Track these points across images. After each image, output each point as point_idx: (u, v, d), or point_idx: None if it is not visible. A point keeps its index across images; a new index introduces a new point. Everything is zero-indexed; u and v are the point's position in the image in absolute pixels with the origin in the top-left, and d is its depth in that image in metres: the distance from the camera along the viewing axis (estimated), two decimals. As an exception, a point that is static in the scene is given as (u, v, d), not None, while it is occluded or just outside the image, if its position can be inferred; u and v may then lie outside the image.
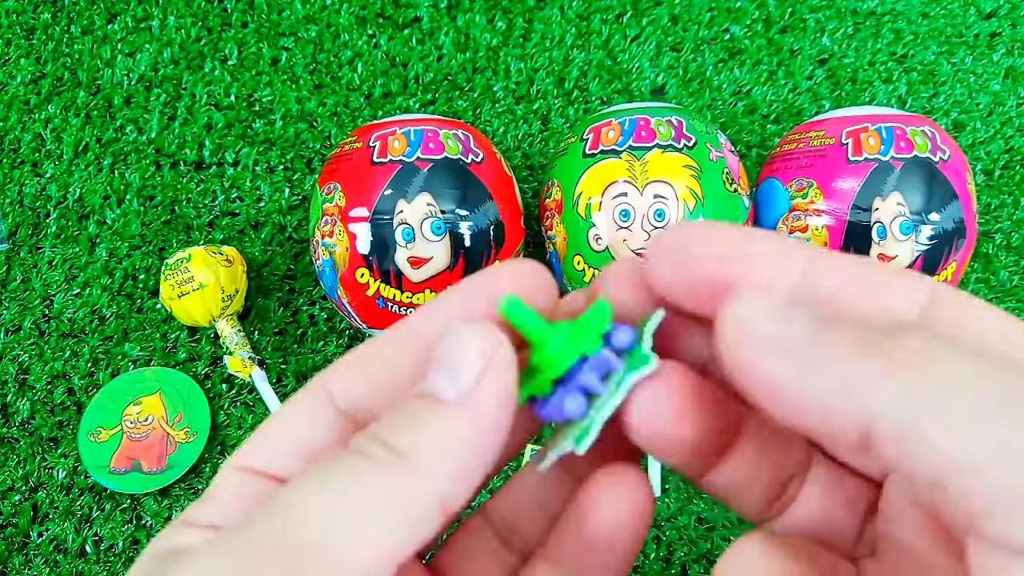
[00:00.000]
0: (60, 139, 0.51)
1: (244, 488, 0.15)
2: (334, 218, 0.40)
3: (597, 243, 0.39)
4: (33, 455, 0.45)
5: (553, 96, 0.52)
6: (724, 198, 0.39)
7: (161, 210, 0.50)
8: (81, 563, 0.43)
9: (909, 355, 0.11)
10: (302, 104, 0.52)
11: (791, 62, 0.53)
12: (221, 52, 0.53)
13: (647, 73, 0.53)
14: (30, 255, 0.49)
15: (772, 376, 0.13)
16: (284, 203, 0.50)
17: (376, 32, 0.53)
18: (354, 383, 0.16)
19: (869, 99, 0.52)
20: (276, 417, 0.16)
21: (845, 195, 0.39)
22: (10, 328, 0.48)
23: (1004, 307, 0.48)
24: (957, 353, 0.11)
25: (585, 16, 0.54)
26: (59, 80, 0.53)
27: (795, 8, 0.53)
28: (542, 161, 0.51)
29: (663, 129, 0.40)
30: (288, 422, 0.16)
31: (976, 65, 0.53)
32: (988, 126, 0.52)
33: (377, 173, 0.39)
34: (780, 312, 0.13)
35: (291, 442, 0.16)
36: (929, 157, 0.39)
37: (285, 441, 0.16)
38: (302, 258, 0.49)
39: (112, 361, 0.47)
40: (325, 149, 0.51)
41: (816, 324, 0.13)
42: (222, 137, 0.51)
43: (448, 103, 0.52)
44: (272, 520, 0.13)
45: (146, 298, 0.48)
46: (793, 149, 0.42)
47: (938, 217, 0.38)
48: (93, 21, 0.53)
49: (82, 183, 0.50)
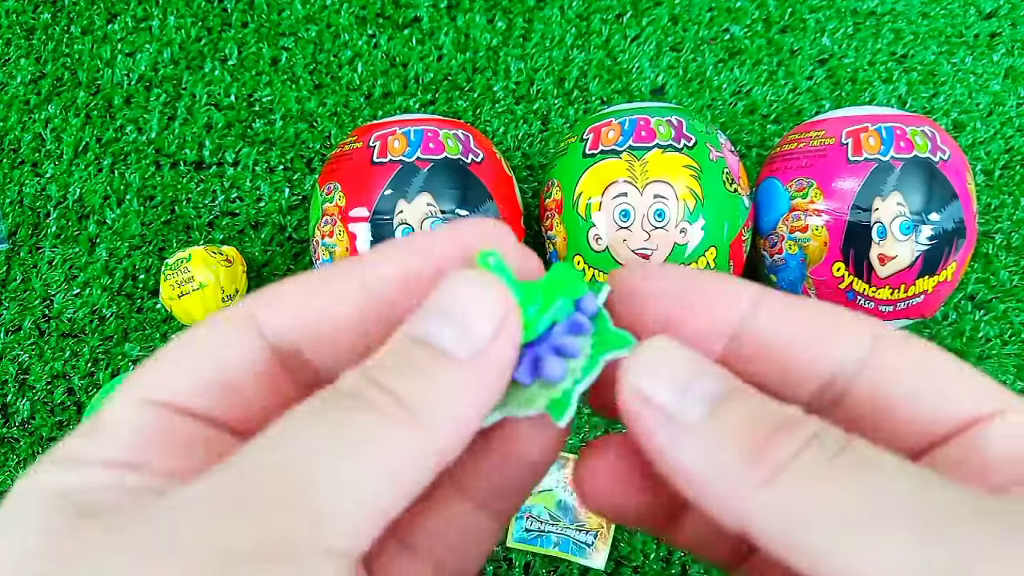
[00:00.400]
0: (60, 139, 0.51)
1: (144, 420, 0.13)
2: (334, 218, 0.40)
3: (597, 243, 0.39)
4: (33, 455, 0.45)
5: (553, 96, 0.52)
6: (724, 198, 0.39)
7: (161, 210, 0.50)
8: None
9: (781, 466, 0.12)
10: (302, 104, 0.52)
11: (791, 62, 0.53)
12: (221, 52, 0.53)
13: (647, 73, 0.53)
14: (30, 255, 0.49)
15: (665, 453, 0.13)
16: (284, 203, 0.50)
17: (376, 32, 0.53)
18: (288, 315, 0.14)
19: (869, 99, 0.52)
20: (189, 341, 0.14)
21: (845, 195, 0.39)
22: (10, 328, 0.48)
23: (1004, 307, 0.48)
24: (830, 467, 0.11)
25: (585, 16, 0.54)
26: (59, 80, 0.53)
27: (795, 8, 0.53)
28: (542, 161, 0.51)
29: (663, 129, 0.40)
30: (205, 348, 0.14)
31: (976, 65, 0.53)
32: (988, 126, 0.52)
33: (377, 173, 0.39)
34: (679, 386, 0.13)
35: (210, 371, 0.13)
36: (929, 157, 0.39)
37: (203, 369, 0.13)
38: (302, 258, 0.49)
39: (112, 361, 0.47)
40: (325, 149, 0.51)
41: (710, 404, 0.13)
42: (222, 137, 0.51)
43: (448, 103, 0.52)
44: (257, 465, 0.11)
45: (146, 298, 0.48)
46: (793, 149, 0.42)
47: (938, 217, 0.38)
48: (93, 21, 0.53)
49: (82, 183, 0.50)
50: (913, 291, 0.39)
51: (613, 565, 0.44)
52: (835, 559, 0.11)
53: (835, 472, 0.11)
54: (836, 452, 0.12)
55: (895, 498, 0.11)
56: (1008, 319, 0.48)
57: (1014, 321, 0.48)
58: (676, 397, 0.13)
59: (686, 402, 0.13)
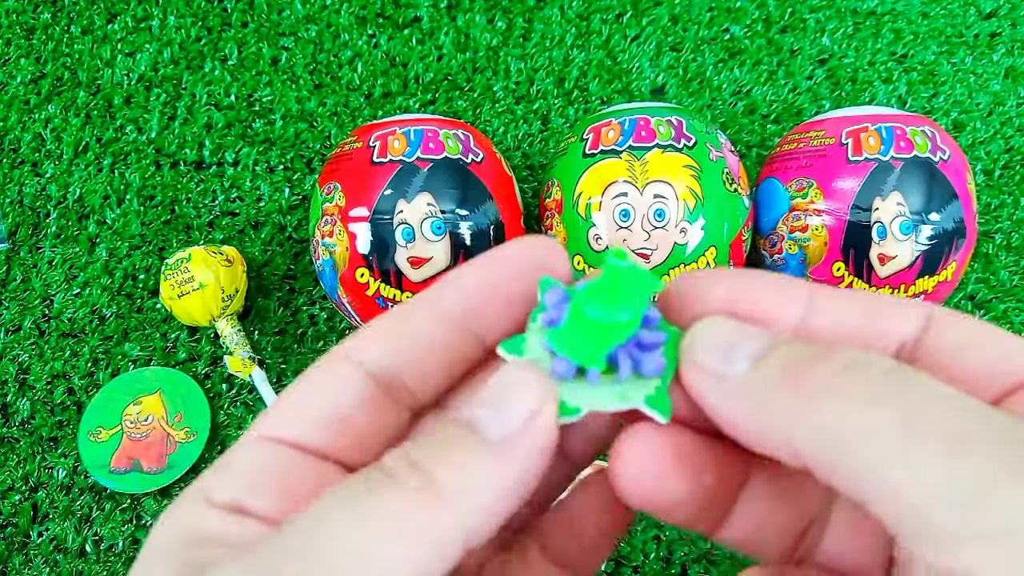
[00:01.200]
0: (60, 139, 0.51)
1: (264, 458, 0.15)
2: (334, 218, 0.40)
3: (597, 243, 0.39)
4: (33, 455, 0.45)
5: (553, 96, 0.52)
6: (724, 198, 0.39)
7: (161, 210, 0.50)
8: (81, 563, 0.43)
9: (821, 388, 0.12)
10: (302, 104, 0.52)
11: (791, 62, 0.53)
12: (221, 52, 0.53)
13: (647, 73, 0.53)
14: (30, 255, 0.49)
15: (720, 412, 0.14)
16: (284, 203, 0.50)
17: (376, 32, 0.53)
18: (380, 350, 0.15)
19: (869, 99, 0.52)
20: (298, 385, 0.15)
21: (845, 195, 0.39)
22: (10, 328, 0.48)
23: (1004, 307, 0.48)
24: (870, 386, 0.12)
25: (585, 16, 0.54)
26: (59, 80, 0.53)
27: (795, 8, 0.53)
28: (542, 161, 0.51)
29: (663, 129, 0.40)
30: (312, 388, 0.15)
31: (976, 65, 0.53)
32: (988, 126, 0.52)
33: (377, 173, 0.39)
34: (724, 350, 0.14)
35: (317, 407, 0.15)
36: (929, 157, 0.39)
37: (310, 407, 0.15)
38: (302, 258, 0.49)
39: (112, 361, 0.47)
40: (325, 149, 0.51)
41: (752, 360, 0.13)
42: (222, 137, 0.51)
43: (448, 103, 0.52)
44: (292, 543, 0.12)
45: (146, 298, 0.48)
46: (793, 149, 0.42)
47: (938, 217, 0.38)
48: (93, 21, 0.53)
49: (82, 183, 0.50)
50: (913, 291, 0.39)
51: (613, 565, 0.44)
52: (872, 476, 0.11)
53: (874, 392, 0.12)
54: (880, 373, 0.12)
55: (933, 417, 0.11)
56: (1008, 319, 0.48)
57: (1014, 321, 0.48)
58: (722, 359, 0.14)
59: (732, 362, 0.14)
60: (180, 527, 0.14)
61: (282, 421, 0.15)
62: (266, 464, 0.14)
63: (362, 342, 0.15)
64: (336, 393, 0.15)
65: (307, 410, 0.15)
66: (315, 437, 0.15)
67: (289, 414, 0.15)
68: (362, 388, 0.15)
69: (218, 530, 0.14)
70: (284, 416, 0.15)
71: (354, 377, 0.15)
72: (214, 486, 0.14)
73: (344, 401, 0.15)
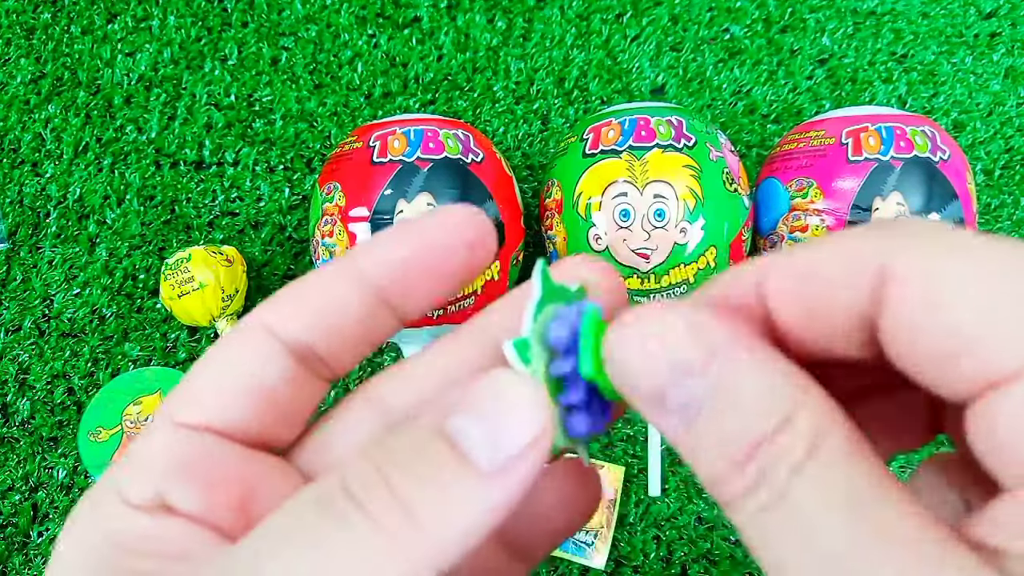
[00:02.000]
0: (60, 139, 0.51)
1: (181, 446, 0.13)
2: (334, 218, 0.40)
3: (597, 243, 0.39)
4: (33, 455, 0.45)
5: (553, 96, 0.52)
6: (724, 198, 0.39)
7: (161, 210, 0.50)
8: (81, 563, 0.43)
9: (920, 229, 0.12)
10: (302, 104, 0.52)
11: (791, 62, 0.53)
12: (221, 52, 0.53)
13: (647, 73, 0.53)
14: (30, 255, 0.49)
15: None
16: (284, 203, 0.50)
17: (376, 32, 0.53)
18: (297, 318, 0.14)
19: (869, 99, 0.52)
20: (209, 360, 0.14)
21: (845, 195, 0.39)
22: (10, 328, 0.48)
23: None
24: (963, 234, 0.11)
25: (585, 16, 0.54)
26: (59, 80, 0.53)
27: (795, 8, 0.53)
28: (542, 161, 0.51)
29: (663, 129, 0.40)
30: (227, 363, 0.14)
31: (976, 65, 0.53)
32: (988, 126, 0.52)
33: (377, 173, 0.39)
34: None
35: (234, 383, 0.13)
36: (929, 157, 0.39)
37: (227, 384, 0.13)
38: (302, 258, 0.49)
39: (112, 361, 0.47)
40: (325, 149, 0.51)
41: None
42: (222, 137, 0.51)
43: (448, 103, 0.52)
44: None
45: (146, 298, 0.48)
46: (793, 149, 0.42)
47: (938, 217, 0.38)
48: (93, 21, 0.53)
49: (82, 183, 0.50)
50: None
51: (613, 565, 0.44)
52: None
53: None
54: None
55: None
56: (1008, 319, 0.48)
57: (1014, 321, 0.48)
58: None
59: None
60: (99, 533, 0.12)
61: (197, 402, 0.13)
62: (184, 453, 0.13)
63: (276, 311, 0.14)
64: (253, 366, 0.14)
65: (224, 388, 0.13)
66: (236, 417, 0.13)
67: (204, 394, 0.13)
68: (279, 360, 0.14)
69: (144, 535, 0.12)
70: (198, 396, 0.13)
71: (270, 349, 0.14)
72: (129, 483, 0.13)
73: (264, 375, 0.14)
